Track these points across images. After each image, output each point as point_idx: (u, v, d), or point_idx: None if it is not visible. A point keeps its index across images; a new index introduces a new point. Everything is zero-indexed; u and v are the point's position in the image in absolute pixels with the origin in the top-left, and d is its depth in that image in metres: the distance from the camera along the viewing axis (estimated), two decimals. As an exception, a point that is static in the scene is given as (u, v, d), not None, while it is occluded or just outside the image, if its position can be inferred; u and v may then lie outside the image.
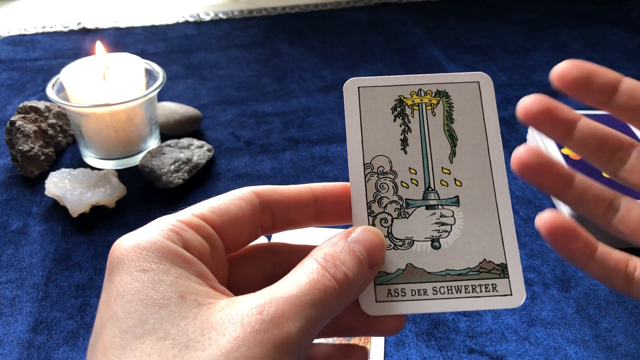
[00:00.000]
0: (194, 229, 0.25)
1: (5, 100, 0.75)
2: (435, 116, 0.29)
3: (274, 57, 0.85)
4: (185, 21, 0.96)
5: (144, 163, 0.58)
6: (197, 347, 0.20)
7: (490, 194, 0.28)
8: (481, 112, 0.29)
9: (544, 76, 0.80)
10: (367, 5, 1.02)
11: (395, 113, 0.29)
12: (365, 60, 0.84)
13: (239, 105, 0.73)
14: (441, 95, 0.29)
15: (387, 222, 0.27)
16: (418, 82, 0.29)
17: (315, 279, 0.23)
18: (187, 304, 0.21)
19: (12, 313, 0.46)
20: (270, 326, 0.21)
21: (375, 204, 0.28)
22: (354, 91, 0.29)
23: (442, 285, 0.27)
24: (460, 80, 0.29)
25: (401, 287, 0.27)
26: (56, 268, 0.50)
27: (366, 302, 0.26)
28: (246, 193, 0.27)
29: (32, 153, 0.60)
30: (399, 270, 0.27)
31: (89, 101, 0.59)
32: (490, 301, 0.26)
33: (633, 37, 0.90)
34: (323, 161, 0.63)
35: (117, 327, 0.21)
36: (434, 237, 0.27)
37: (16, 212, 0.56)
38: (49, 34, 0.92)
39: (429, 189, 0.28)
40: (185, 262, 0.23)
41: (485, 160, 0.28)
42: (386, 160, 0.28)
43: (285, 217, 0.28)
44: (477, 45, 0.89)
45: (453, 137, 0.29)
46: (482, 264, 0.27)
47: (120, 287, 0.22)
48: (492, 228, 0.27)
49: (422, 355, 0.43)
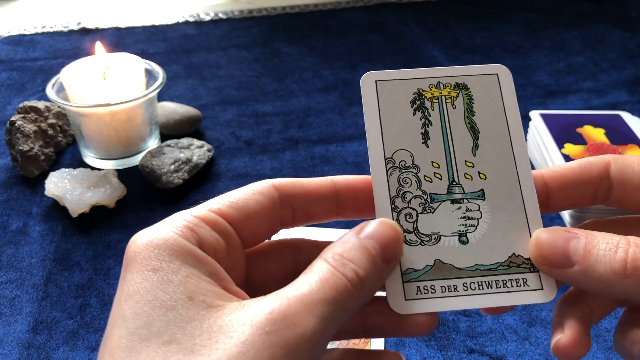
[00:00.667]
0: (209, 225, 0.24)
1: (5, 100, 0.75)
2: (455, 109, 0.28)
3: (274, 57, 0.85)
4: (185, 21, 0.96)
5: (144, 163, 0.58)
6: (203, 351, 0.20)
7: (516, 187, 0.27)
8: (502, 104, 0.28)
9: (544, 76, 0.80)
10: (367, 5, 1.02)
11: (415, 106, 0.28)
12: (365, 60, 0.84)
13: (239, 105, 0.73)
14: (460, 87, 0.29)
15: (412, 218, 0.27)
16: (436, 74, 0.29)
17: (326, 277, 0.22)
18: (195, 306, 0.21)
19: (12, 313, 0.46)
20: (281, 327, 0.20)
21: (398, 199, 0.27)
22: (371, 85, 0.29)
23: (472, 281, 0.26)
24: (478, 73, 0.29)
25: (430, 283, 0.26)
26: (56, 268, 0.50)
27: (395, 301, 0.25)
28: (265, 187, 0.26)
29: (32, 153, 0.60)
30: (428, 266, 0.26)
31: (89, 101, 0.59)
32: (521, 296, 0.26)
33: (633, 37, 0.90)
34: (323, 161, 0.63)
35: (125, 327, 0.21)
36: (461, 231, 0.27)
37: (16, 212, 0.56)
38: (49, 34, 0.92)
39: (453, 183, 0.27)
40: (197, 261, 0.23)
41: (509, 152, 0.28)
42: (408, 154, 0.28)
43: (306, 212, 0.27)
44: (477, 45, 0.89)
45: (475, 130, 0.28)
46: (512, 258, 0.26)
47: (131, 286, 0.22)
48: (519, 221, 0.27)
49: (422, 355, 0.43)
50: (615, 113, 0.61)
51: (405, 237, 0.27)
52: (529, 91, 0.76)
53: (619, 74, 0.80)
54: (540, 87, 0.77)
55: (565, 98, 0.75)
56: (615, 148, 0.56)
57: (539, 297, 0.26)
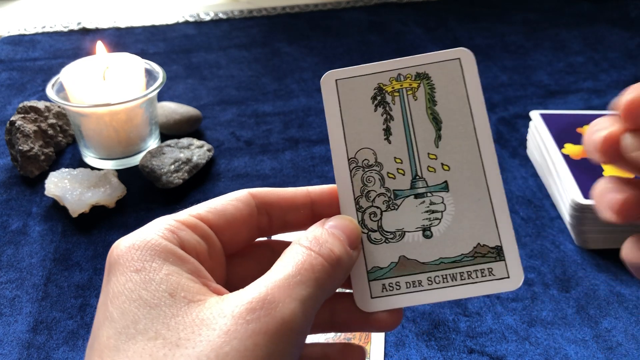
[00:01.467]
0: (190, 228, 0.25)
1: (5, 100, 0.75)
2: (417, 100, 0.28)
3: (274, 57, 0.85)
4: (185, 21, 0.96)
5: (144, 163, 0.58)
6: (188, 344, 0.20)
7: (480, 176, 0.27)
8: (464, 91, 0.27)
9: (544, 76, 0.80)
10: (367, 5, 1.02)
11: (376, 102, 0.28)
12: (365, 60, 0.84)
13: (239, 105, 0.73)
14: (421, 77, 0.28)
15: (376, 216, 0.27)
16: (396, 66, 0.28)
17: (302, 260, 0.23)
18: (177, 302, 0.22)
19: (12, 313, 0.46)
20: (261, 314, 0.21)
21: (363, 199, 0.27)
22: (331, 85, 0.28)
23: (436, 275, 0.26)
24: (439, 59, 0.28)
25: (395, 280, 0.26)
26: (56, 268, 0.50)
27: (361, 299, 0.26)
28: (243, 194, 0.27)
29: (32, 153, 0.60)
30: (392, 263, 0.26)
31: (89, 101, 0.59)
32: (487, 286, 0.26)
33: (633, 37, 0.90)
34: (323, 161, 0.63)
35: (112, 328, 0.21)
36: (425, 226, 0.27)
37: (16, 212, 0.56)
38: (49, 34, 0.92)
39: (416, 177, 0.27)
40: (178, 260, 0.23)
41: (473, 141, 0.27)
42: (370, 153, 0.27)
43: (282, 219, 0.28)
44: (477, 45, 0.89)
45: (437, 121, 0.27)
46: (477, 248, 0.26)
47: (116, 288, 0.22)
48: (485, 211, 0.26)
49: (422, 355, 0.43)
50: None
51: (370, 236, 0.27)
52: (529, 91, 0.76)
53: (619, 74, 0.80)
54: (540, 87, 0.77)
55: (565, 98, 0.75)
56: (615, 148, 0.55)
57: (506, 286, 0.26)
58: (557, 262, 0.50)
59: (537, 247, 0.51)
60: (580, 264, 0.50)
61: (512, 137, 0.67)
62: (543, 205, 0.56)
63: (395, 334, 0.44)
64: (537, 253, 0.51)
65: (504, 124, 0.69)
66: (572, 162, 0.54)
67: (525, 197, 0.57)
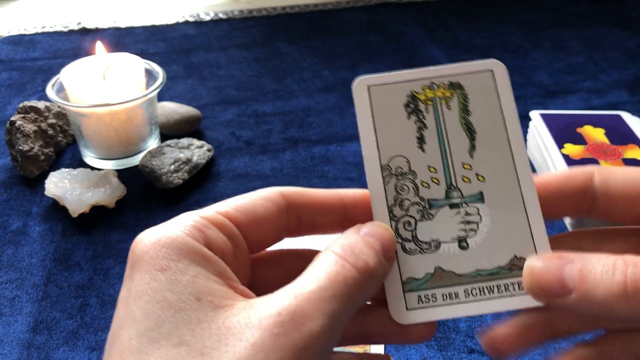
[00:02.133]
0: (217, 227, 0.24)
1: (5, 100, 0.75)
2: (450, 110, 0.27)
3: (274, 57, 0.85)
4: (185, 21, 0.96)
5: (144, 163, 0.58)
6: (213, 354, 0.20)
7: (515, 187, 0.26)
8: (498, 102, 0.27)
9: (544, 76, 0.80)
10: (367, 5, 1.02)
11: (409, 110, 0.27)
12: (365, 60, 0.84)
13: (239, 105, 0.73)
14: (454, 87, 0.28)
15: (410, 226, 0.26)
16: (429, 75, 0.28)
17: (335, 271, 0.22)
18: (203, 307, 0.21)
19: (12, 313, 0.46)
20: (290, 328, 0.20)
21: (396, 208, 0.26)
22: (363, 91, 0.28)
23: (473, 287, 0.25)
24: (472, 70, 0.28)
25: (432, 292, 0.25)
26: (56, 268, 0.50)
27: (397, 311, 0.25)
28: (274, 194, 0.26)
29: (32, 153, 0.60)
30: (428, 275, 0.26)
31: (89, 101, 0.59)
32: (524, 300, 0.25)
33: (633, 37, 0.90)
34: (323, 161, 0.63)
35: (135, 329, 0.21)
36: (460, 237, 0.26)
37: (16, 212, 0.56)
38: (49, 34, 0.92)
39: (451, 187, 0.27)
40: (205, 261, 0.22)
41: (507, 152, 0.27)
42: (404, 161, 0.27)
43: (312, 222, 0.27)
44: (477, 45, 0.89)
45: (471, 131, 0.27)
46: (513, 260, 0.26)
47: (140, 286, 0.22)
48: (520, 223, 0.26)
49: (422, 355, 0.43)
50: (615, 113, 0.61)
51: (405, 246, 0.26)
52: (529, 91, 0.76)
53: (619, 74, 0.80)
54: (540, 87, 0.77)
55: (565, 98, 0.75)
56: (615, 148, 0.56)
57: None
58: (557, 262, 0.50)
59: (537, 247, 0.51)
60: (580, 264, 0.50)
61: (512, 137, 0.66)
62: (543, 205, 0.56)
63: (395, 334, 0.44)
64: (537, 253, 0.51)
65: (504, 124, 0.69)
66: (572, 162, 0.54)
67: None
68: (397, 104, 0.28)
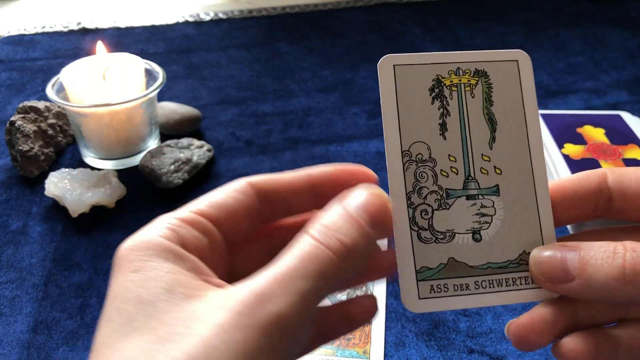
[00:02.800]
0: (191, 225, 0.25)
1: (5, 100, 0.75)
2: (474, 98, 0.27)
3: (274, 57, 0.85)
4: (185, 21, 0.96)
5: (144, 163, 0.58)
6: (177, 339, 0.20)
7: (530, 183, 0.26)
8: (520, 95, 0.27)
9: (544, 76, 0.80)
10: (367, 5, 1.02)
11: (434, 94, 0.27)
12: (365, 60, 0.84)
13: (239, 105, 0.73)
14: (480, 75, 0.27)
15: (427, 214, 0.26)
16: (456, 60, 0.27)
17: (307, 251, 0.22)
18: (174, 298, 0.21)
19: (12, 313, 0.46)
20: (254, 307, 0.20)
21: (414, 195, 0.26)
22: (389, 70, 0.27)
23: (483, 279, 0.26)
24: (499, 59, 0.28)
25: (444, 282, 0.26)
26: (56, 268, 0.50)
27: (409, 299, 0.25)
28: (242, 185, 0.27)
29: (32, 153, 0.60)
30: (441, 265, 0.26)
31: (89, 101, 0.59)
32: (531, 293, 0.26)
33: (633, 37, 0.90)
34: (323, 161, 0.63)
35: (109, 327, 0.21)
36: (475, 229, 0.26)
37: (16, 212, 0.56)
38: (49, 34, 0.92)
39: (469, 178, 0.26)
40: (179, 258, 0.23)
41: (525, 147, 0.27)
42: (425, 147, 0.26)
43: (284, 205, 0.27)
44: (477, 45, 0.89)
45: (492, 122, 0.27)
46: (522, 255, 0.26)
47: (115, 288, 0.22)
48: (532, 218, 0.26)
49: (422, 355, 0.43)
50: (615, 113, 0.62)
51: (420, 235, 0.26)
52: (529, 91, 0.76)
53: (619, 74, 0.80)
54: (540, 87, 0.77)
55: (565, 98, 0.75)
56: (615, 148, 0.56)
57: (547, 294, 0.26)
58: (557, 262, 0.50)
59: (537, 247, 0.51)
60: (580, 264, 0.50)
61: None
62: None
63: (395, 334, 0.44)
64: (537, 253, 0.51)
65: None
66: (572, 162, 0.54)
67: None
68: (422, 87, 0.27)
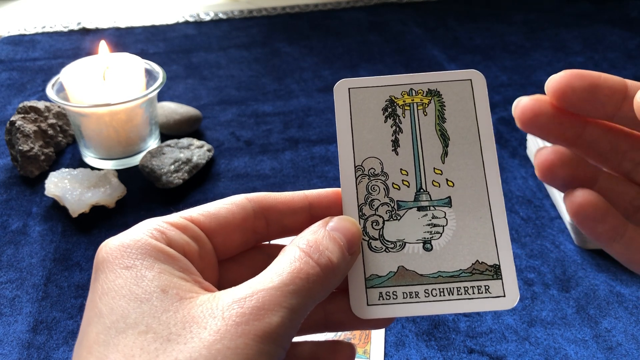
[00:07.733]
0: (179, 229, 0.25)
1: (5, 100, 0.75)
2: (426, 116, 0.28)
3: (274, 57, 0.85)
4: (185, 21, 0.96)
5: (144, 163, 0.58)
6: (179, 340, 0.20)
7: (483, 194, 0.27)
8: (474, 111, 0.28)
9: (544, 76, 0.80)
10: (367, 5, 1.02)
11: (386, 114, 0.29)
12: (365, 60, 0.84)
13: (239, 105, 0.73)
14: (433, 94, 0.29)
15: (378, 225, 0.27)
16: (409, 81, 0.29)
17: (298, 267, 0.23)
18: (169, 298, 0.22)
19: (12, 313, 0.46)
20: (251, 318, 0.21)
21: (366, 207, 0.28)
22: (344, 93, 0.29)
23: (434, 288, 0.27)
24: (452, 79, 0.29)
25: (392, 289, 0.27)
26: (56, 268, 0.50)
27: (357, 305, 0.26)
28: (239, 198, 0.27)
29: (32, 153, 0.60)
30: (391, 272, 0.27)
31: (89, 101, 0.59)
32: (482, 303, 0.26)
33: (633, 37, 0.90)
34: (323, 161, 0.63)
35: (101, 323, 0.21)
36: (425, 238, 0.27)
37: (16, 212, 0.56)
38: (49, 34, 0.92)
39: (420, 190, 0.28)
40: (169, 258, 0.23)
41: (478, 160, 0.28)
42: (377, 162, 0.28)
43: (280, 223, 0.28)
44: (477, 45, 0.89)
45: (445, 137, 0.28)
46: (475, 265, 0.27)
47: (105, 284, 0.22)
48: (485, 229, 0.27)
49: (422, 355, 0.43)
50: None
51: (371, 244, 0.27)
52: (529, 91, 0.76)
53: (619, 74, 0.80)
54: (540, 87, 0.77)
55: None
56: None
57: (501, 304, 0.26)
58: (557, 262, 0.50)
59: (537, 247, 0.51)
60: (580, 264, 0.50)
61: (512, 137, 0.67)
62: (543, 205, 0.56)
63: (395, 334, 0.44)
64: (537, 253, 0.51)
65: (504, 124, 0.69)
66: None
67: (525, 197, 0.57)
68: (376, 107, 0.29)
